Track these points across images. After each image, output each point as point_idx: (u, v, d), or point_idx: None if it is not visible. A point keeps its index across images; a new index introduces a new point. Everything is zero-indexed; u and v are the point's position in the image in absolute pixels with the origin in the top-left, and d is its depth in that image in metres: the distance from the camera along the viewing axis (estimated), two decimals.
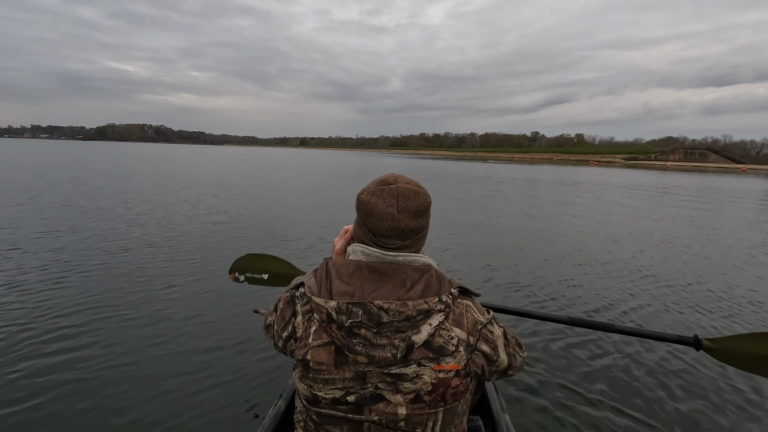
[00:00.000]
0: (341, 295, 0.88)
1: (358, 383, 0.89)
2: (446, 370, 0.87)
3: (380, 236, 0.93)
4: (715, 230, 8.94)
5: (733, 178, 42.49)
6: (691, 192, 19.79)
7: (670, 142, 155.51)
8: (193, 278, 4.34)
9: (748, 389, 2.62)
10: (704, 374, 2.78)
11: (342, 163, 41.17)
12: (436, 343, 0.87)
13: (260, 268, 1.92)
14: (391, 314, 0.85)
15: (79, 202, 9.17)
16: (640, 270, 5.38)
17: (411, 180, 0.98)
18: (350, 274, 0.91)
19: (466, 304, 0.94)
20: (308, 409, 0.95)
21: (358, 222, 0.99)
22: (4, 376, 2.44)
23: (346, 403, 0.90)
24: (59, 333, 2.98)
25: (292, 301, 0.97)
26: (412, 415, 0.88)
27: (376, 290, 0.88)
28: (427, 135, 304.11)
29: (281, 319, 0.97)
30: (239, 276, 1.94)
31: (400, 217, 0.92)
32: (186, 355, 2.76)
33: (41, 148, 47.89)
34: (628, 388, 2.57)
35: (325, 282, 0.91)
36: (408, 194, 0.93)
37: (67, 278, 4.17)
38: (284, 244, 6.23)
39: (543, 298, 4.25)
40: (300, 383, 0.94)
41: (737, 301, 4.36)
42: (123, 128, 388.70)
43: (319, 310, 0.89)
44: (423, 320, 0.86)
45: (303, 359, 0.91)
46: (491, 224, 8.57)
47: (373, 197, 0.93)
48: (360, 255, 0.96)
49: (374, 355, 0.86)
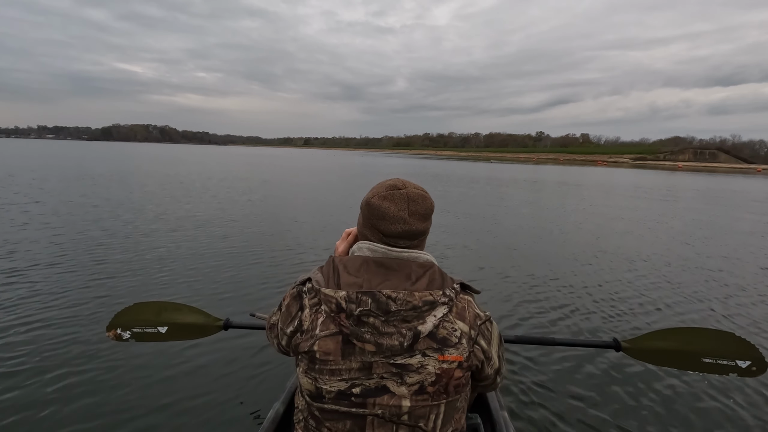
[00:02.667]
0: (350, 286, 0.90)
1: (364, 374, 0.89)
2: (450, 360, 0.89)
3: (391, 237, 0.96)
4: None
5: (751, 179, 40.80)
6: (745, 198, 18.19)
7: (678, 142, 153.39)
8: (188, 281, 4.24)
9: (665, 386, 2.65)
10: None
11: (341, 165, 39.33)
12: (440, 334, 0.90)
13: (154, 320, 1.72)
14: (399, 303, 0.87)
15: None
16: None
17: (417, 185, 1.01)
18: (357, 268, 0.93)
19: (467, 299, 0.97)
20: (310, 406, 0.95)
21: (366, 224, 1.00)
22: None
23: (350, 396, 0.90)
24: (63, 339, 2.92)
25: (299, 296, 0.98)
26: (415, 407, 0.90)
27: (383, 282, 0.90)
28: (431, 135, 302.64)
29: (287, 314, 0.98)
30: (123, 333, 1.70)
31: (411, 220, 0.95)
32: (182, 359, 2.69)
33: (41, 150, 47.01)
34: (622, 387, 2.63)
35: (332, 276, 0.93)
36: (417, 198, 0.96)
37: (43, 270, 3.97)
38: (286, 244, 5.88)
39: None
40: (304, 378, 0.94)
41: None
42: (128, 128, 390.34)
43: (328, 300, 0.90)
44: (428, 311, 0.89)
45: (309, 351, 0.91)
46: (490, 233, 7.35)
47: (385, 201, 0.96)
48: (366, 251, 0.97)
49: (382, 343, 0.88)
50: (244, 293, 3.95)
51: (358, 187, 16.06)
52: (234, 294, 3.91)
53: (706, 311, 4.00)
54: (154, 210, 8.43)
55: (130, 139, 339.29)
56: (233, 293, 3.93)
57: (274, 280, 4.38)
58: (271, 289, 4.08)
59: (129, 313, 1.74)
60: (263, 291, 4.04)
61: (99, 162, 25.93)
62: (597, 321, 3.65)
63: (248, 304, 3.65)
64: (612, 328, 3.50)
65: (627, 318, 3.73)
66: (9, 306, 3.38)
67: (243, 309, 3.47)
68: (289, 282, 4.03)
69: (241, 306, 3.59)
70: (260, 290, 4.06)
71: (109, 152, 46.90)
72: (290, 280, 4.17)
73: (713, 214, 11.70)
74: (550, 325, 3.51)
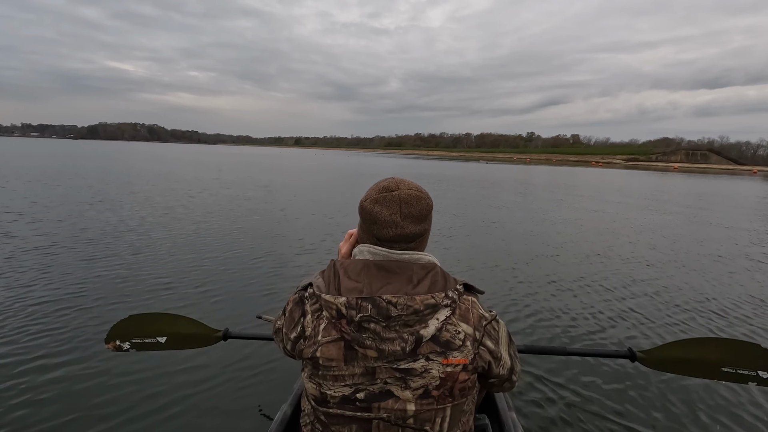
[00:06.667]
0: (350, 291, 0.89)
1: (368, 379, 0.88)
2: (454, 364, 0.87)
3: (385, 241, 0.94)
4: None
5: (749, 181, 39.89)
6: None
7: (668, 143, 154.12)
8: (195, 283, 4.13)
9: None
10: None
11: (322, 168, 37.36)
12: (444, 337, 0.88)
13: (152, 330, 1.75)
14: (400, 308, 0.85)
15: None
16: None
17: (412, 185, 0.96)
18: (358, 272, 0.91)
19: (471, 300, 0.94)
20: (316, 410, 0.94)
21: (362, 227, 0.98)
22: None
23: (355, 401, 0.89)
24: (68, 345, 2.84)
25: (301, 301, 0.96)
26: (420, 411, 0.88)
27: (384, 286, 0.89)
28: (422, 135, 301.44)
29: (290, 320, 0.97)
30: (122, 344, 1.72)
31: (403, 223, 0.92)
32: (188, 365, 2.64)
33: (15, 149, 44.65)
34: (632, 391, 2.58)
35: (333, 280, 0.92)
36: (410, 200, 0.93)
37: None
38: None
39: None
40: (309, 383, 0.93)
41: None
42: (115, 127, 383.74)
43: (328, 306, 0.89)
44: (430, 315, 0.87)
45: (312, 357, 0.90)
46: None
47: (377, 205, 0.93)
48: (367, 254, 0.96)
49: (384, 349, 0.86)
50: (244, 299, 3.80)
51: (345, 185, 14.68)
52: (240, 294, 3.90)
53: (722, 320, 3.82)
54: (122, 215, 6.94)
55: (117, 138, 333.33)
56: (237, 294, 3.90)
57: (275, 285, 4.22)
58: (272, 294, 3.95)
59: (126, 324, 1.71)
60: (264, 297, 3.89)
61: (68, 161, 23.95)
62: (608, 329, 3.51)
63: (249, 312, 3.46)
64: (625, 337, 3.36)
65: (641, 327, 3.57)
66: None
67: (243, 319, 3.33)
68: (290, 287, 4.08)
69: (240, 316, 3.40)
70: (262, 296, 3.92)
71: (79, 151, 45.12)
72: (290, 284, 4.23)
73: (734, 221, 10.25)
74: (561, 334, 3.38)
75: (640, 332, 3.46)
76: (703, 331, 3.56)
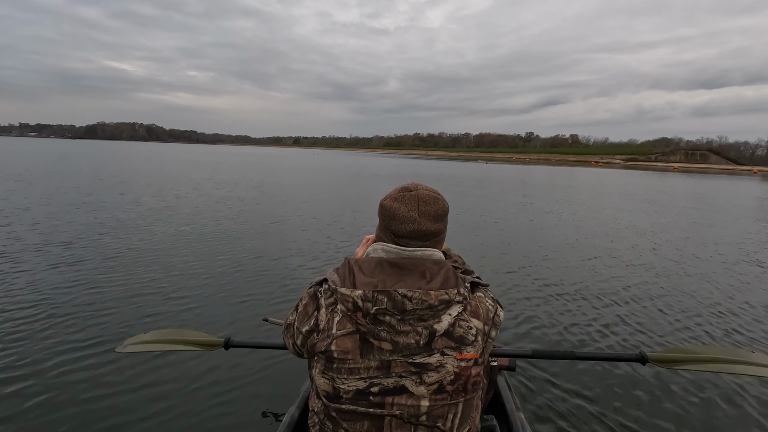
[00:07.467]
0: (365, 285, 0.90)
1: (382, 373, 0.89)
2: (467, 358, 0.90)
3: (402, 237, 0.97)
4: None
5: (750, 182, 39.72)
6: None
7: (667, 143, 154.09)
8: (200, 286, 4.05)
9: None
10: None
11: (321, 168, 37.22)
12: (457, 332, 0.90)
13: (161, 341, 1.83)
14: (415, 302, 0.87)
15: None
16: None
17: (429, 188, 1.02)
18: (372, 269, 0.94)
19: (479, 295, 0.97)
20: (327, 407, 0.94)
21: (381, 226, 1.02)
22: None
23: (369, 395, 0.89)
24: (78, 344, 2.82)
25: (316, 296, 0.97)
26: (434, 407, 0.90)
27: (398, 283, 0.90)
28: (421, 135, 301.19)
29: (304, 314, 0.97)
30: (125, 349, 1.80)
31: (420, 220, 0.96)
32: (195, 371, 2.59)
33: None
34: (644, 395, 2.52)
35: (348, 276, 0.93)
36: (428, 200, 0.98)
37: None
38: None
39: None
40: (321, 378, 0.93)
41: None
42: (113, 127, 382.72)
43: (344, 300, 0.90)
44: (444, 310, 0.89)
45: (326, 350, 0.91)
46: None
47: (396, 202, 0.98)
48: (380, 252, 0.98)
49: (398, 341, 0.88)
50: (246, 303, 3.73)
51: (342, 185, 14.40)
52: (245, 296, 3.86)
53: (729, 324, 3.69)
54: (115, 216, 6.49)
55: (115, 138, 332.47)
56: (241, 297, 3.85)
57: (278, 289, 4.13)
58: (272, 297, 3.90)
59: (139, 339, 1.81)
60: (266, 301, 3.81)
61: (64, 160, 23.60)
62: (619, 331, 3.43)
63: (252, 316, 3.42)
64: (635, 340, 3.27)
65: (651, 330, 3.48)
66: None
67: (247, 324, 3.28)
68: (294, 289, 4.08)
69: (242, 325, 3.28)
70: (264, 300, 3.82)
71: (77, 150, 44.65)
72: (295, 287, 4.19)
73: (742, 224, 10.02)
74: (569, 338, 3.30)
75: (648, 336, 3.36)
76: (713, 335, 3.45)
